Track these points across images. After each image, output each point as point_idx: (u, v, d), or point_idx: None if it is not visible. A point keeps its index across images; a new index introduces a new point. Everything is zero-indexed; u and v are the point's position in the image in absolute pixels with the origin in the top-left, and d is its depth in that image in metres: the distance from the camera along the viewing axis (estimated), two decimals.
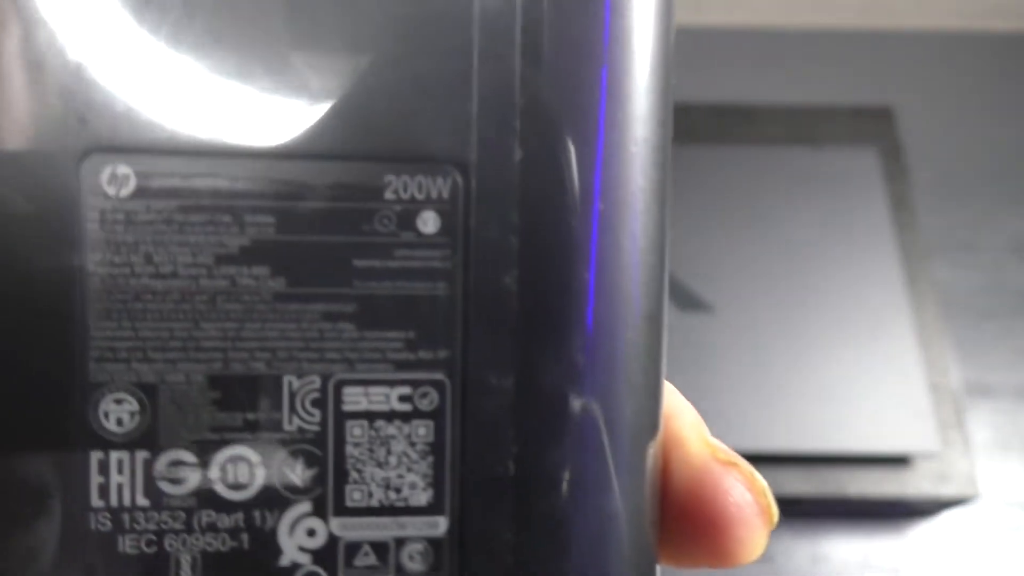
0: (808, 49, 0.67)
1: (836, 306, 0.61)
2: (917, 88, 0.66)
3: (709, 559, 0.19)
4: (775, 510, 0.19)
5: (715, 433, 0.20)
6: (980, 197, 0.65)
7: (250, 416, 0.17)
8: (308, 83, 0.16)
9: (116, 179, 0.16)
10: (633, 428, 0.18)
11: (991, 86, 0.67)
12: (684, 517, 0.19)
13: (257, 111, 0.16)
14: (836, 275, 0.61)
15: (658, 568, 0.19)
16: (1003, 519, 0.61)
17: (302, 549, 0.17)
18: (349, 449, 0.17)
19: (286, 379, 0.17)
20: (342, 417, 0.17)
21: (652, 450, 0.18)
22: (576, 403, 0.17)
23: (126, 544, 0.17)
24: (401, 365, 0.17)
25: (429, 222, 0.17)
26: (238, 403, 0.17)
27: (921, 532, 0.60)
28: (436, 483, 0.17)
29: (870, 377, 0.61)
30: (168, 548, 0.17)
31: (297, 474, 0.17)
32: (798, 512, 0.60)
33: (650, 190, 0.18)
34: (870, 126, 0.65)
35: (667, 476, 0.19)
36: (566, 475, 0.18)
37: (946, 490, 0.60)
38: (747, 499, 0.19)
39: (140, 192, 0.16)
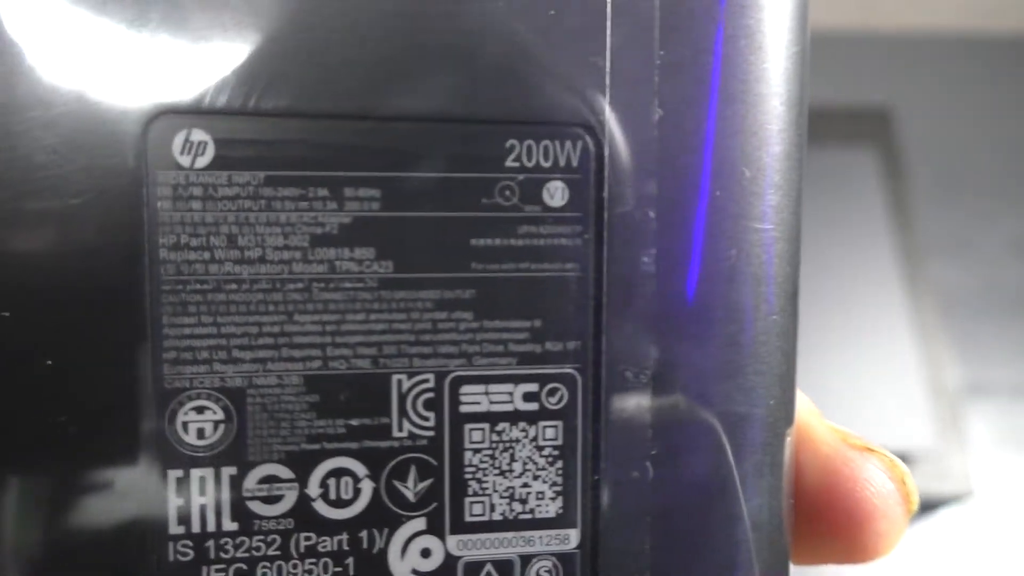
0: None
1: (834, 305, 0.61)
2: (916, 89, 0.66)
3: (843, 556, 0.17)
4: (916, 497, 0.17)
5: None
6: (978, 197, 0.65)
7: (353, 422, 0.15)
8: (418, 32, 0.14)
9: (190, 147, 0.14)
10: (775, 421, 0.16)
11: (989, 87, 0.67)
12: (817, 513, 0.17)
13: (359, 64, 0.14)
14: (834, 274, 0.61)
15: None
16: (1000, 516, 0.60)
17: (415, 572, 0.15)
18: (468, 456, 0.15)
19: (395, 378, 0.15)
20: (459, 420, 0.15)
21: (789, 443, 0.16)
22: (721, 396, 0.15)
23: None
24: (526, 358, 0.15)
25: (556, 194, 0.15)
26: (339, 407, 0.15)
27: (918, 529, 0.60)
28: (566, 492, 0.15)
29: (867, 375, 0.60)
30: None
31: (409, 487, 0.15)
32: None
33: (795, 157, 0.16)
34: (869, 126, 0.65)
35: (797, 468, 0.17)
36: (710, 476, 0.15)
37: (943, 487, 0.60)
38: (888, 488, 0.17)
39: (219, 162, 0.14)
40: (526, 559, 0.15)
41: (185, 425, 0.14)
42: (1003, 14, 0.67)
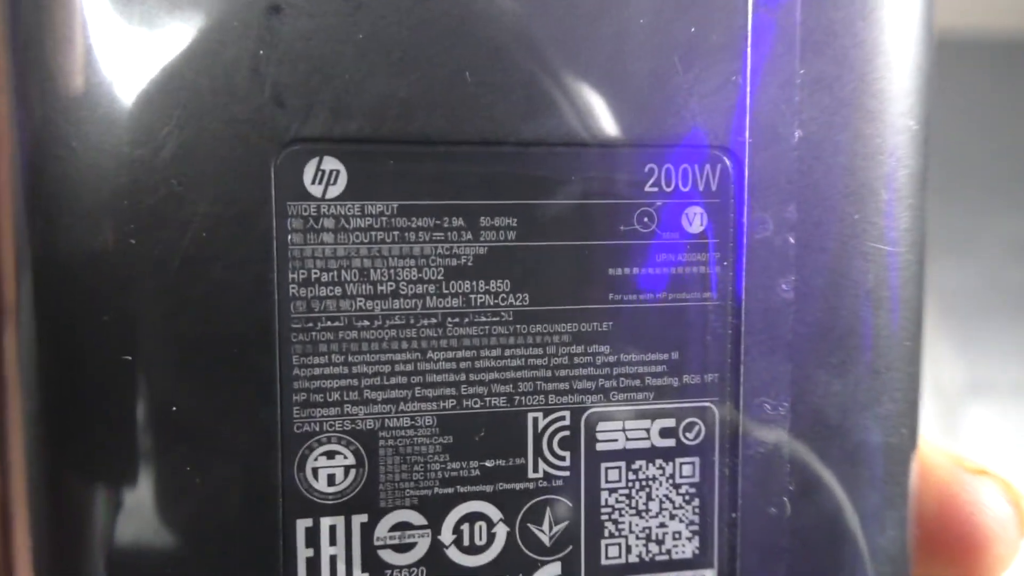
0: None
1: None
2: None
3: None
4: None
5: None
6: (978, 197, 0.65)
7: (488, 463, 0.14)
8: (557, 55, 0.14)
9: (323, 176, 0.13)
10: (905, 450, 0.16)
11: (989, 87, 0.68)
12: (934, 539, 0.17)
13: (497, 88, 0.13)
14: None
15: None
16: None
17: None
18: (604, 496, 0.14)
19: (530, 416, 0.14)
20: (596, 458, 0.14)
21: (914, 470, 0.16)
22: (858, 426, 0.15)
23: None
24: (663, 392, 0.14)
25: (695, 219, 0.14)
26: (474, 448, 0.14)
27: None
28: (703, 531, 0.15)
29: None
30: None
31: (544, 530, 0.14)
32: None
33: (923, 177, 0.15)
34: None
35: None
36: (845, 511, 0.15)
37: None
38: (1006, 512, 0.17)
39: (352, 191, 0.13)
40: None
41: (315, 471, 0.13)
42: (1004, 15, 0.68)
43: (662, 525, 0.14)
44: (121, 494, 0.13)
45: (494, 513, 0.14)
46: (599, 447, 0.14)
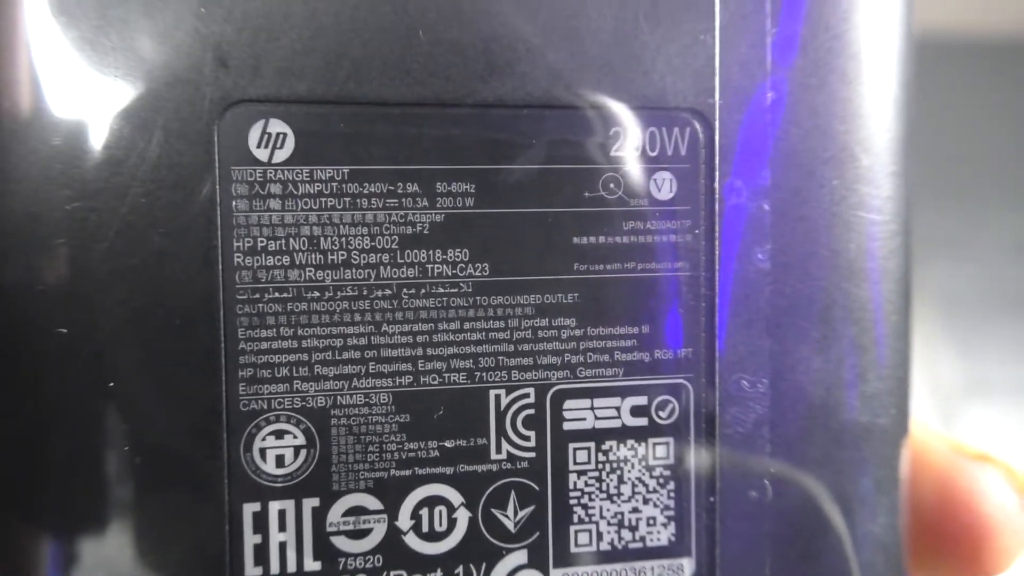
0: None
1: None
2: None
3: (962, 575, 0.16)
4: None
5: None
6: (977, 197, 0.65)
7: (448, 444, 0.13)
8: (517, 12, 0.13)
9: (269, 139, 0.12)
10: (895, 432, 0.15)
11: (989, 87, 0.67)
12: (933, 529, 0.16)
13: (454, 46, 0.13)
14: None
15: None
16: None
17: None
18: (572, 479, 0.14)
19: (492, 393, 0.13)
20: (563, 439, 0.13)
21: (905, 455, 0.15)
22: (844, 405, 0.14)
23: None
24: (633, 368, 0.14)
25: (664, 185, 0.14)
26: (432, 428, 0.13)
27: None
28: (679, 516, 0.14)
29: None
30: None
31: (508, 516, 0.13)
32: None
33: (907, 142, 0.15)
34: None
35: (909, 482, 0.16)
36: (831, 495, 0.14)
37: None
38: (1011, 500, 0.16)
39: (300, 155, 0.12)
40: None
41: (263, 452, 0.13)
42: (1003, 15, 0.67)
43: (635, 510, 0.14)
44: (53, 476, 0.12)
45: (455, 497, 0.13)
46: (566, 426, 0.13)
